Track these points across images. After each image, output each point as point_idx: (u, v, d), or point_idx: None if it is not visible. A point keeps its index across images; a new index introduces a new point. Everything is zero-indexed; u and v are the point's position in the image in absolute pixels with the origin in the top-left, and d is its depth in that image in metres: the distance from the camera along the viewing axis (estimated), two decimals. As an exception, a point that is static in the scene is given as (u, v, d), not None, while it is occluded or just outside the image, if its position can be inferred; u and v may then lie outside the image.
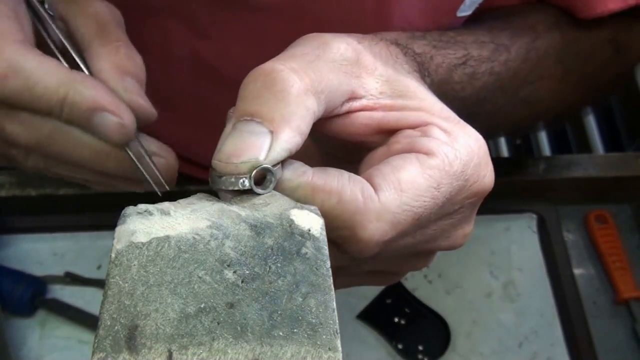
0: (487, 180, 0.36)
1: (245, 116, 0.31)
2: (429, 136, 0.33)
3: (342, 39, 0.34)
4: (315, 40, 0.34)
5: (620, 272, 0.69)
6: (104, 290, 0.27)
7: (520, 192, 0.72)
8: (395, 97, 0.35)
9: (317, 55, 0.33)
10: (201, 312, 0.27)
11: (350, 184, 0.31)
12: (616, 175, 0.72)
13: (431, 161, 0.32)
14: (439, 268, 0.69)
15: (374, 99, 0.35)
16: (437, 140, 0.33)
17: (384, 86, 0.35)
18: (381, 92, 0.35)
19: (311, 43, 0.34)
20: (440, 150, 0.33)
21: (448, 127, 0.34)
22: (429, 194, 0.32)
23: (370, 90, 0.35)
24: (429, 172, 0.32)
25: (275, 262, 0.29)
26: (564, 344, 0.65)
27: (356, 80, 0.34)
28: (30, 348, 0.62)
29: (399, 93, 0.35)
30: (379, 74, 0.35)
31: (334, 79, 0.33)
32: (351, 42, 0.34)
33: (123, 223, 0.29)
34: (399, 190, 0.32)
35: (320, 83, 0.32)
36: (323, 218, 0.31)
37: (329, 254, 0.30)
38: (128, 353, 0.25)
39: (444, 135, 0.34)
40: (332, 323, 0.28)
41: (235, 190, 0.32)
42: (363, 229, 0.31)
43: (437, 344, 0.64)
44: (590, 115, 1.22)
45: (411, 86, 0.35)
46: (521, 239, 0.71)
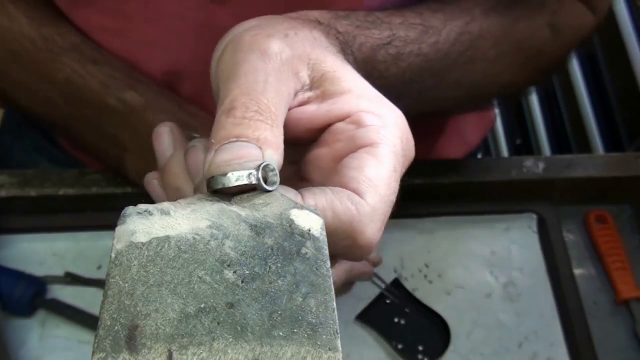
0: (413, 148, 0.38)
1: (231, 138, 0.32)
2: (364, 126, 0.35)
3: (273, 38, 0.35)
4: (253, 52, 0.35)
5: (620, 272, 0.69)
6: (104, 290, 0.27)
7: (520, 192, 0.72)
8: (324, 82, 0.36)
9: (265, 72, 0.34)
10: (201, 312, 0.27)
11: (337, 197, 0.33)
12: (616, 175, 0.72)
13: (379, 150, 0.34)
14: (439, 268, 0.69)
15: (307, 90, 0.36)
16: (373, 126, 0.35)
17: (314, 73, 0.36)
18: (312, 81, 0.36)
19: (251, 56, 0.35)
20: (380, 136, 0.35)
21: (375, 108, 0.36)
22: (393, 179, 0.34)
23: (305, 82, 0.36)
24: (384, 160, 0.34)
25: (275, 262, 0.29)
26: (564, 344, 0.65)
27: (295, 77, 0.36)
28: (30, 348, 0.62)
29: (327, 76, 0.36)
30: (310, 60, 0.36)
31: (285, 90, 0.34)
32: (281, 38, 0.36)
33: (123, 223, 0.29)
34: (375, 187, 0.33)
35: (281, 105, 0.34)
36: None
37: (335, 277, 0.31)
38: (128, 353, 0.25)
39: (376, 119, 0.35)
40: (332, 323, 0.28)
41: (240, 187, 0.32)
42: (362, 233, 0.33)
43: (437, 344, 0.64)
44: (590, 116, 1.23)
45: (335, 66, 0.37)
46: (521, 239, 0.71)
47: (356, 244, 0.33)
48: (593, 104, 1.23)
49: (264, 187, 0.32)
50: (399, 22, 0.50)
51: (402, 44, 0.49)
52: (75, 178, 0.67)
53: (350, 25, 0.45)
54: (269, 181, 0.32)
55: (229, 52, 0.36)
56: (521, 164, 0.72)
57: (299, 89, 0.36)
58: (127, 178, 0.62)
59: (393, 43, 0.48)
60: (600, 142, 1.20)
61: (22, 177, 0.66)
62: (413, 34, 0.51)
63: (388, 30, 0.48)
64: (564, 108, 1.31)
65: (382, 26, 0.48)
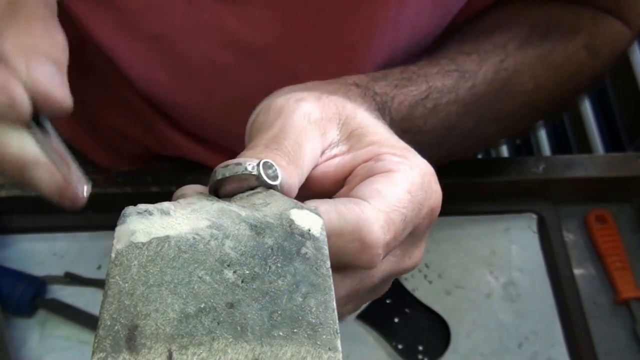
0: (439, 196, 0.38)
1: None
2: (383, 160, 0.35)
3: (305, 102, 0.37)
4: (282, 113, 0.36)
5: (620, 272, 0.69)
6: (104, 290, 0.27)
7: (520, 192, 0.72)
8: (351, 139, 0.37)
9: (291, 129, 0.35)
10: (201, 312, 0.27)
11: (339, 202, 0.33)
12: (616, 175, 0.72)
13: (395, 176, 0.35)
14: (439, 268, 0.69)
15: (333, 148, 0.37)
16: (392, 161, 0.35)
17: (342, 132, 0.37)
18: (340, 139, 0.37)
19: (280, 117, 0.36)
20: (398, 166, 0.35)
21: (398, 152, 0.36)
22: (405, 197, 0.34)
23: (331, 140, 0.37)
24: (398, 183, 0.34)
25: (275, 262, 0.29)
26: (564, 344, 0.65)
27: (323, 137, 0.36)
28: (30, 348, 0.62)
29: (355, 133, 0.37)
30: (338, 121, 0.37)
31: (310, 153, 0.35)
32: (312, 102, 0.37)
33: (123, 223, 0.29)
34: (381, 196, 0.34)
35: (303, 168, 0.35)
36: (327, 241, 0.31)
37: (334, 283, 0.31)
38: (128, 353, 0.25)
39: (396, 157, 0.36)
40: (332, 323, 0.28)
41: (240, 179, 0.32)
42: (369, 232, 0.32)
43: (437, 344, 0.64)
44: (591, 116, 1.23)
45: (364, 122, 0.38)
46: (521, 239, 0.71)
47: (364, 245, 0.32)
48: (593, 104, 1.23)
49: (264, 180, 0.32)
50: (435, 72, 0.51)
51: (439, 95, 0.50)
52: (75, 178, 0.66)
53: (388, 86, 0.46)
54: (270, 177, 0.32)
55: (261, 115, 0.37)
56: (521, 164, 0.72)
57: (326, 147, 0.37)
58: (126, 178, 0.62)
59: (430, 96, 0.49)
60: (600, 142, 1.20)
61: (22, 177, 0.66)
62: (449, 81, 0.51)
63: (425, 84, 0.49)
64: (564, 108, 1.31)
65: (419, 80, 0.49)
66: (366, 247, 0.32)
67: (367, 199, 0.33)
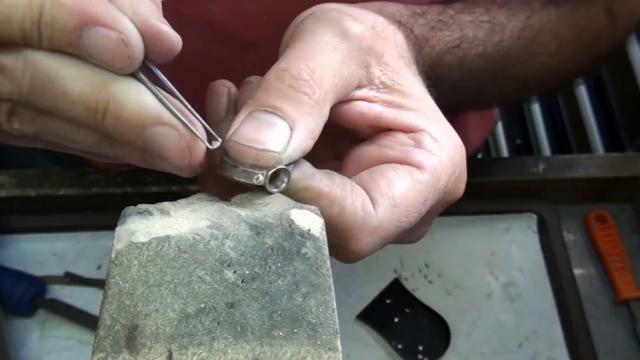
0: (461, 192, 0.38)
1: (267, 107, 0.31)
2: (421, 147, 0.35)
3: (360, 24, 0.35)
4: (334, 27, 0.34)
5: (620, 272, 0.69)
6: (104, 290, 0.27)
7: (520, 192, 0.72)
8: (394, 92, 0.36)
9: (336, 48, 0.33)
10: (201, 312, 0.27)
11: (352, 195, 0.32)
12: (616, 175, 0.72)
13: (422, 176, 0.34)
14: (439, 268, 0.69)
15: (375, 90, 0.36)
16: (428, 152, 0.35)
17: (386, 78, 0.36)
18: (382, 84, 0.36)
19: (330, 30, 0.34)
20: (430, 164, 0.34)
21: (438, 134, 0.35)
22: (416, 209, 0.34)
23: (373, 79, 0.36)
24: (419, 187, 0.34)
25: (275, 262, 0.29)
26: (564, 344, 0.65)
27: (364, 70, 0.35)
28: (30, 348, 0.62)
29: (399, 88, 0.36)
30: (385, 64, 0.36)
31: (348, 75, 0.34)
32: (367, 27, 0.35)
33: (123, 223, 0.29)
34: (393, 205, 0.33)
35: (337, 86, 0.33)
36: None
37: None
38: (128, 353, 0.25)
39: (434, 146, 0.35)
40: (332, 323, 0.28)
41: (247, 184, 0.32)
42: (356, 241, 0.33)
43: (437, 344, 0.64)
44: (591, 116, 1.23)
45: (411, 82, 0.37)
46: (521, 239, 0.71)
47: (346, 247, 0.33)
48: (593, 104, 1.23)
49: (269, 190, 0.32)
50: (469, 21, 0.50)
51: (469, 46, 0.50)
52: (75, 178, 0.67)
53: (426, 26, 0.45)
54: (277, 184, 0.32)
55: (310, 20, 0.35)
56: (521, 164, 0.72)
57: (365, 83, 0.35)
58: (126, 178, 0.62)
59: (461, 45, 0.49)
60: (600, 142, 1.20)
61: (22, 177, 0.66)
62: (481, 33, 0.51)
63: (458, 31, 0.49)
64: (564, 108, 1.31)
65: (453, 26, 0.48)
66: (346, 250, 0.33)
67: (377, 205, 0.33)
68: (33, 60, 0.28)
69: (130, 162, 0.32)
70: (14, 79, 0.28)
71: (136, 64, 0.28)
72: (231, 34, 0.57)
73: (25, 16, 0.27)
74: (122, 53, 0.27)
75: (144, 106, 0.28)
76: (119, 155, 0.31)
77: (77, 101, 0.28)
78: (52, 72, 0.28)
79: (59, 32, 0.27)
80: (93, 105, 0.28)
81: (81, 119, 0.29)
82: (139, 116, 0.28)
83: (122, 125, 0.28)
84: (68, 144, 0.31)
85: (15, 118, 0.30)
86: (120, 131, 0.29)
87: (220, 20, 0.56)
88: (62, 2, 0.27)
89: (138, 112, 0.28)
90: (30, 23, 0.27)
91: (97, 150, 0.31)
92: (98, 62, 0.28)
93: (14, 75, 0.28)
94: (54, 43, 0.27)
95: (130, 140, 0.29)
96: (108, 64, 0.28)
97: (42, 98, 0.28)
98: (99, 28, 0.27)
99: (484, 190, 0.71)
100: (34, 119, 0.30)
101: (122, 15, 0.28)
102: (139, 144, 0.29)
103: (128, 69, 0.28)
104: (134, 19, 0.28)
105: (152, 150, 0.29)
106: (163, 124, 0.29)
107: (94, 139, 0.30)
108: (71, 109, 0.28)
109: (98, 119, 0.28)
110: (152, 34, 0.28)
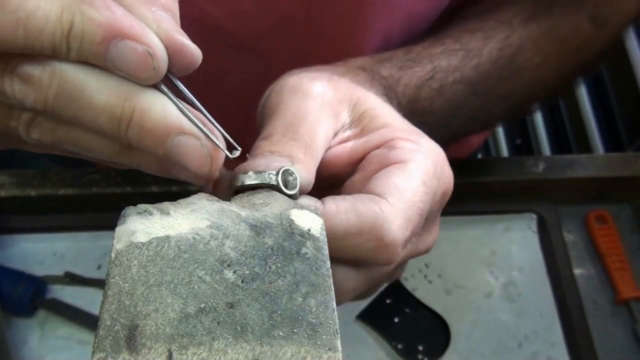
0: (451, 179, 0.38)
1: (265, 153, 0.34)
2: (397, 148, 0.35)
3: (317, 81, 0.37)
4: (297, 94, 0.36)
5: (620, 272, 0.69)
6: (104, 290, 0.27)
7: (520, 192, 0.72)
8: (363, 120, 0.37)
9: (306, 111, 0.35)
10: (201, 312, 0.27)
11: (358, 200, 0.33)
12: (616, 175, 0.72)
13: (409, 166, 0.34)
14: (439, 268, 0.69)
15: (347, 130, 0.37)
16: (406, 148, 0.35)
17: (354, 113, 0.37)
18: (352, 121, 0.37)
19: (294, 97, 0.36)
20: (412, 155, 0.35)
21: (410, 136, 0.36)
22: (420, 190, 0.34)
23: (344, 123, 0.37)
24: (412, 174, 0.34)
25: (275, 262, 0.29)
26: (564, 344, 0.65)
27: (336, 118, 0.36)
28: (30, 348, 0.62)
29: (366, 114, 0.37)
30: (351, 102, 0.37)
31: (324, 137, 0.35)
32: (325, 81, 0.37)
33: (123, 223, 0.29)
34: (399, 191, 0.33)
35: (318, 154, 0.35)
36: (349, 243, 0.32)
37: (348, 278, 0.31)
38: (128, 353, 0.25)
39: (409, 144, 0.36)
40: (332, 323, 0.28)
41: (257, 187, 0.32)
42: (388, 232, 0.32)
43: (437, 344, 0.64)
44: (591, 116, 1.22)
45: (375, 104, 0.38)
46: (521, 239, 0.71)
47: (382, 243, 0.32)
48: (593, 104, 1.23)
49: (282, 190, 0.32)
50: (439, 52, 0.51)
51: (444, 75, 0.50)
52: (75, 178, 0.67)
53: (393, 68, 0.46)
54: (290, 185, 0.32)
55: (274, 94, 0.37)
56: (521, 164, 0.72)
57: (339, 129, 0.37)
58: (126, 178, 0.62)
59: (436, 76, 0.49)
60: (600, 142, 1.20)
61: (22, 177, 0.66)
62: (454, 61, 0.51)
63: (429, 64, 0.49)
64: (564, 108, 1.31)
65: (423, 61, 0.49)
66: (385, 246, 0.32)
67: (385, 195, 0.33)
68: (60, 71, 0.29)
69: (146, 170, 0.32)
70: (40, 89, 0.29)
71: (160, 75, 0.29)
72: (229, 34, 0.57)
73: (56, 29, 0.28)
74: (148, 65, 0.29)
75: (167, 116, 0.29)
76: (136, 163, 0.32)
77: (103, 111, 0.29)
78: (79, 82, 0.29)
79: (87, 44, 0.28)
80: (118, 114, 0.29)
81: (104, 128, 0.30)
82: (163, 125, 0.29)
83: (146, 135, 0.29)
84: (85, 153, 0.32)
85: (34, 128, 0.31)
86: (143, 140, 0.30)
87: (217, 21, 0.56)
88: (92, 17, 0.28)
89: (162, 122, 0.29)
90: (60, 35, 0.28)
91: (114, 159, 0.32)
92: (123, 73, 0.29)
93: (40, 85, 0.29)
94: (82, 55, 0.28)
95: (151, 150, 0.30)
96: (133, 75, 0.29)
97: (66, 108, 0.29)
98: (126, 41, 0.28)
99: (484, 190, 0.71)
100: (53, 129, 0.31)
101: (148, 29, 0.29)
102: (160, 153, 0.30)
103: (152, 80, 0.29)
104: (158, 32, 0.29)
105: (173, 159, 0.30)
106: (185, 134, 0.30)
107: (113, 148, 0.31)
108: (96, 118, 0.29)
109: (122, 128, 0.29)
110: (176, 48, 0.30)
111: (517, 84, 0.57)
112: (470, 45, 0.53)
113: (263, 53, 0.58)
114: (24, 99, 0.29)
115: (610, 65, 1.19)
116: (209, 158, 0.30)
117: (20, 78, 0.29)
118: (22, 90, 0.29)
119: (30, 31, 0.28)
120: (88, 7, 0.28)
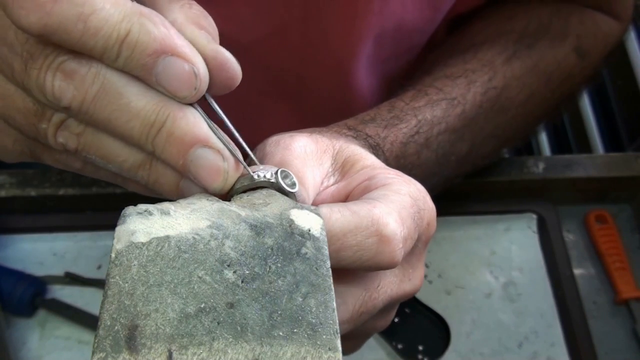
0: (434, 212, 0.37)
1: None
2: (379, 177, 0.36)
3: (298, 137, 0.37)
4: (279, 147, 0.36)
5: (620, 272, 0.69)
6: (104, 290, 0.27)
7: (520, 192, 0.72)
8: (346, 165, 0.37)
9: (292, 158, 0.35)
10: (201, 312, 0.27)
11: (350, 202, 0.33)
12: (616, 175, 0.72)
13: (394, 186, 0.35)
14: (439, 268, 0.69)
15: (331, 177, 0.37)
16: (388, 177, 0.35)
17: (337, 160, 0.38)
18: (335, 169, 0.37)
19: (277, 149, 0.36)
20: (393, 181, 0.35)
21: (391, 172, 0.36)
22: (409, 201, 0.34)
23: (327, 170, 0.37)
24: (401, 190, 0.34)
25: (275, 262, 0.29)
26: (564, 344, 0.65)
27: (321, 167, 0.37)
28: (30, 348, 0.62)
29: (348, 160, 0.37)
30: (332, 153, 0.38)
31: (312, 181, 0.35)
32: (306, 135, 0.37)
33: (123, 223, 0.29)
34: (388, 198, 0.34)
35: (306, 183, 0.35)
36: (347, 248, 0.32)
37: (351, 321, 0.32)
38: (128, 353, 0.25)
39: (390, 175, 0.36)
40: (332, 323, 0.28)
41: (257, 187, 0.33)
42: (386, 225, 0.32)
43: (437, 344, 0.64)
44: (591, 116, 1.22)
45: (356, 150, 0.38)
46: (521, 239, 0.71)
47: (382, 237, 0.32)
48: (593, 104, 1.23)
49: (283, 187, 0.32)
50: (423, 105, 0.51)
51: (429, 128, 0.51)
52: (75, 178, 0.67)
53: (378, 127, 0.47)
54: (289, 184, 0.33)
55: (257, 152, 0.37)
56: (521, 164, 0.72)
57: (323, 176, 0.37)
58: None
59: (421, 130, 0.50)
60: (600, 142, 1.20)
61: (22, 177, 0.66)
62: (439, 112, 0.52)
63: (414, 118, 0.50)
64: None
65: (407, 117, 0.50)
66: (385, 240, 0.32)
67: (376, 199, 0.33)
68: (105, 73, 0.30)
69: (160, 190, 0.34)
70: (81, 87, 0.30)
71: (199, 96, 0.31)
72: (227, 39, 0.57)
73: (113, 32, 0.29)
74: (191, 83, 0.30)
75: (197, 127, 0.31)
76: (154, 180, 0.33)
77: (137, 115, 0.30)
78: (120, 86, 0.30)
79: (138, 54, 0.29)
80: (152, 120, 0.30)
81: (134, 133, 0.31)
82: (191, 134, 0.30)
83: (172, 142, 0.30)
84: (106, 165, 0.33)
85: (62, 131, 0.32)
86: (168, 148, 0.31)
87: (216, 25, 0.57)
88: (149, 30, 0.29)
89: (190, 131, 0.30)
90: (115, 39, 0.29)
91: (132, 173, 0.33)
92: (164, 89, 0.30)
93: (82, 83, 0.30)
94: (129, 63, 0.29)
95: (173, 160, 0.31)
96: (173, 91, 0.30)
97: (102, 109, 0.30)
98: (175, 57, 0.29)
99: (484, 190, 0.71)
100: (80, 134, 0.32)
101: (196, 52, 0.30)
102: (180, 163, 0.31)
103: (190, 99, 0.31)
104: (207, 46, 0.31)
105: (191, 170, 0.31)
106: (209, 147, 0.31)
107: (136, 159, 0.32)
108: (129, 121, 0.30)
109: (152, 133, 0.30)
110: (221, 61, 0.31)
111: (504, 122, 0.58)
112: (453, 94, 0.53)
113: (259, 59, 0.59)
114: (61, 96, 0.30)
115: (610, 65, 1.19)
116: (227, 174, 0.31)
117: (63, 74, 0.29)
118: (62, 87, 0.29)
119: (88, 28, 0.28)
120: (147, 21, 0.29)
